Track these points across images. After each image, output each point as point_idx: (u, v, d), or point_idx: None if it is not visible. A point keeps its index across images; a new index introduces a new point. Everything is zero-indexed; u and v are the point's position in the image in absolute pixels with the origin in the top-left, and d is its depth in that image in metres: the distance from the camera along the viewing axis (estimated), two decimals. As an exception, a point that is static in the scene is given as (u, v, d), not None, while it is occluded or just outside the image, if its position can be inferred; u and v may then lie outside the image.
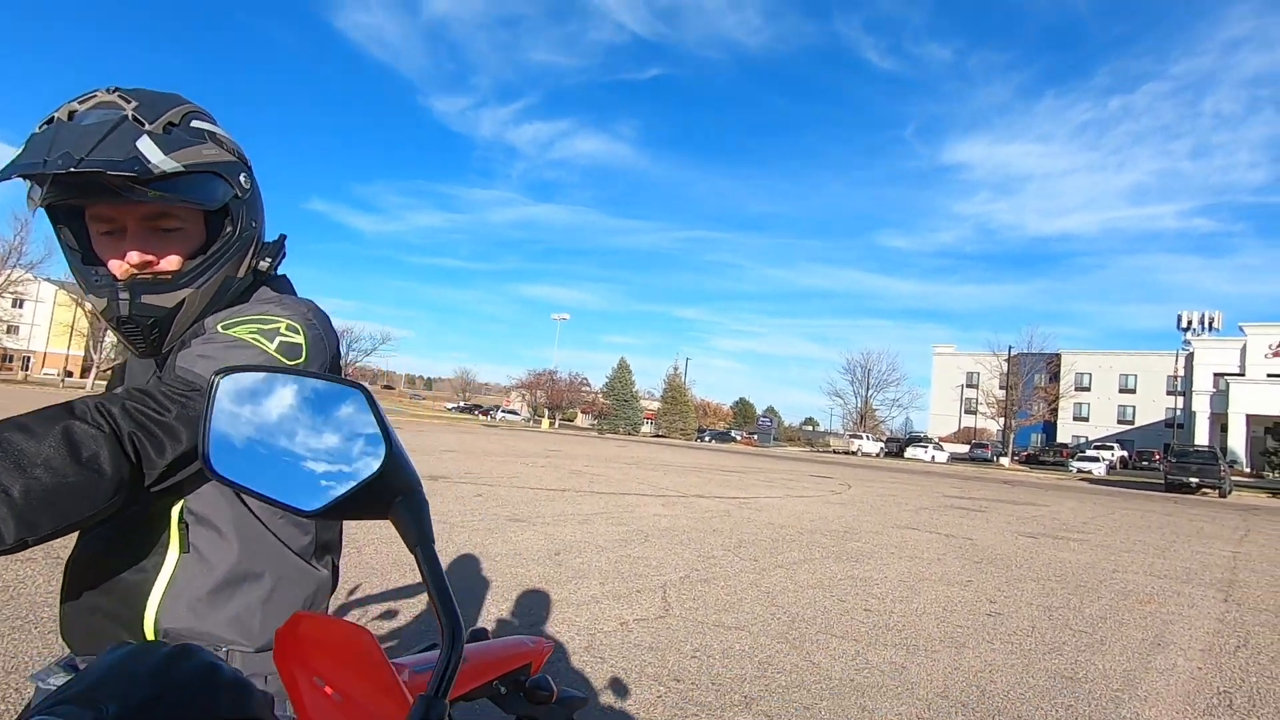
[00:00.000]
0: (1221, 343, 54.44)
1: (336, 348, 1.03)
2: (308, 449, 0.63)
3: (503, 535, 6.82)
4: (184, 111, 0.91)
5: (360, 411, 0.63)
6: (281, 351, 0.89)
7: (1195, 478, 27.65)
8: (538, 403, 70.43)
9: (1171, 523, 14.23)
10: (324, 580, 1.01)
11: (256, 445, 0.64)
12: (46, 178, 0.81)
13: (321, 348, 0.96)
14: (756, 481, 17.29)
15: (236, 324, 0.91)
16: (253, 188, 1.00)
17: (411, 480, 0.62)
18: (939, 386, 77.04)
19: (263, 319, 0.92)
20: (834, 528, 9.47)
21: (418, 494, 0.63)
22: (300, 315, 0.96)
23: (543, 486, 11.62)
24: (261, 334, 0.90)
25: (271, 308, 0.96)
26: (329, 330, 1.01)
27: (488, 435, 32.71)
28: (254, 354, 0.87)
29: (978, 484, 24.72)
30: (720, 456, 31.75)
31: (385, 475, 0.60)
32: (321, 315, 1.01)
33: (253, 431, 0.65)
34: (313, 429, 0.64)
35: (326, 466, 0.62)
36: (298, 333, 0.93)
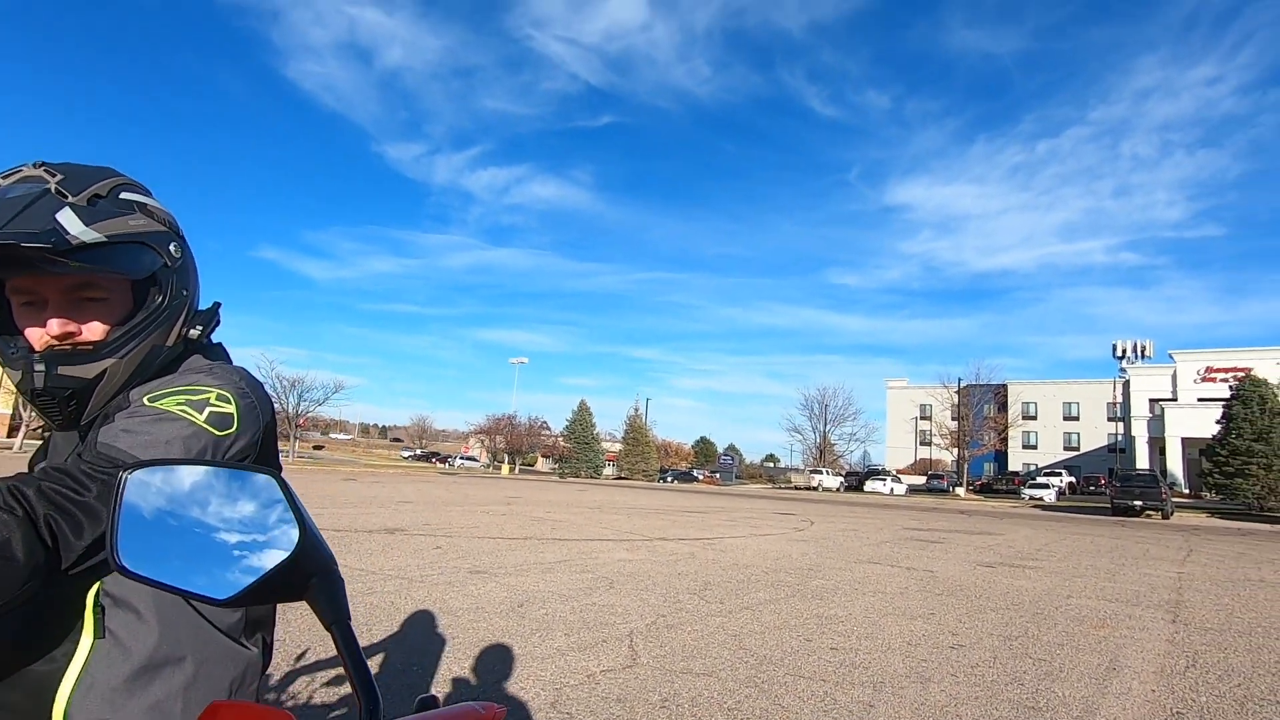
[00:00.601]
0: (1154, 370, 57.26)
1: (271, 415, 1.00)
2: (219, 538, 0.64)
3: (463, 589, 6.64)
4: (112, 184, 0.90)
5: (272, 496, 0.65)
6: (211, 423, 0.87)
7: (1139, 500, 28.70)
8: (497, 448, 69.27)
9: (1119, 546, 14.69)
10: (253, 660, 0.96)
11: (166, 538, 0.65)
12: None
13: (254, 417, 0.94)
14: (720, 521, 17.25)
15: (163, 395, 0.88)
16: (184, 256, 0.98)
17: (325, 560, 0.64)
18: (894, 419, 78.70)
19: (191, 389, 0.90)
20: (798, 566, 9.49)
21: (332, 573, 0.64)
22: (232, 384, 0.93)
23: (504, 536, 11.37)
24: (190, 405, 0.87)
25: (201, 377, 0.93)
26: (263, 398, 0.98)
27: (446, 484, 31.95)
28: (182, 426, 0.84)
29: (935, 515, 25.14)
30: (683, 497, 31.62)
31: (299, 558, 0.62)
32: (254, 383, 0.99)
33: (162, 525, 0.65)
34: (224, 518, 0.65)
35: (239, 554, 0.63)
36: (229, 402, 0.90)
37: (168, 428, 0.83)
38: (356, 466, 50.83)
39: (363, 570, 7.26)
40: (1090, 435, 66.08)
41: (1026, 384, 69.43)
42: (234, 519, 0.64)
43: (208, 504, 0.65)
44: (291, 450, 54.66)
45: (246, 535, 0.64)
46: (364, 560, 7.97)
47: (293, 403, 52.52)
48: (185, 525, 0.64)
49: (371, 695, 0.58)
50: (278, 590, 0.62)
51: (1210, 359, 52.86)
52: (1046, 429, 68.58)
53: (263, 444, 0.98)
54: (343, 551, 8.47)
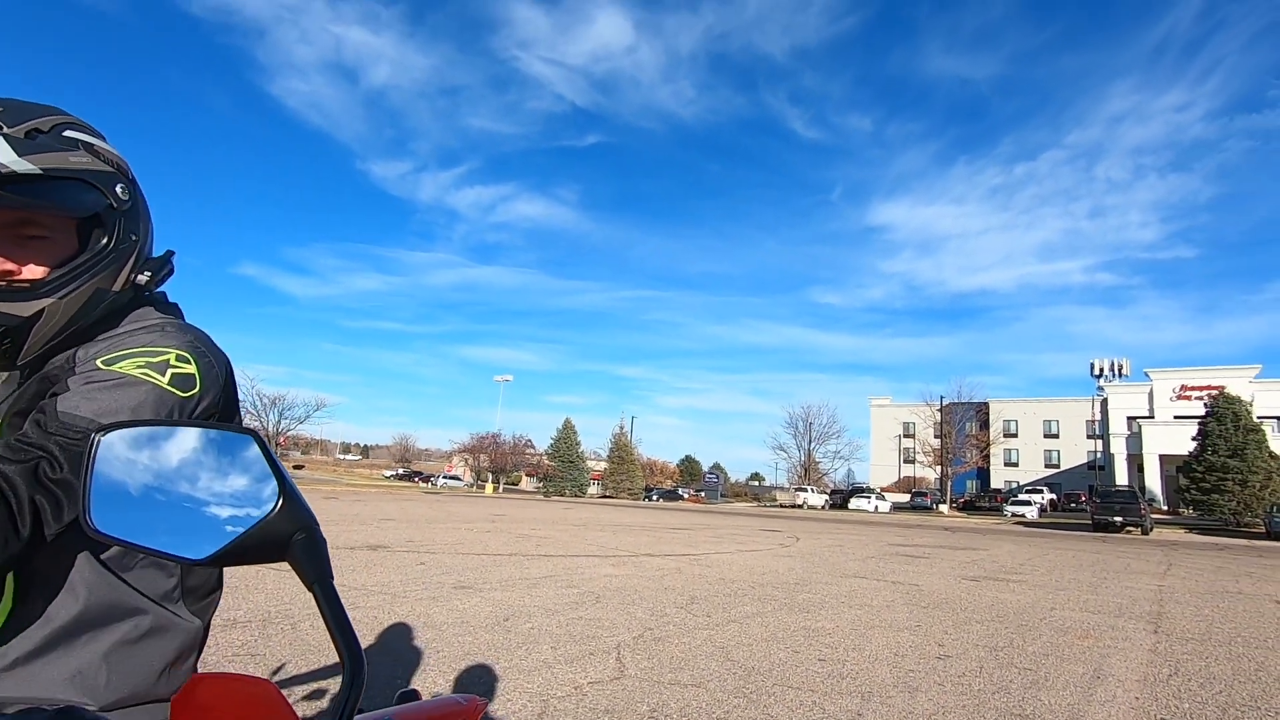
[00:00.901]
0: (1131, 388, 58.21)
1: (229, 373, 0.96)
2: (198, 497, 0.63)
3: (448, 603, 6.56)
4: (56, 121, 0.87)
5: (250, 454, 0.64)
6: (175, 384, 0.83)
7: (1119, 517, 29.03)
8: (480, 467, 68.69)
9: (1101, 561, 14.82)
10: (191, 631, 0.90)
11: (142, 499, 0.63)
12: None
13: (214, 376, 0.90)
14: (706, 538, 17.20)
15: (120, 357, 0.84)
16: (133, 199, 0.94)
17: (306, 519, 0.63)
18: (877, 437, 79.18)
19: (149, 350, 0.86)
20: (785, 580, 9.48)
21: (314, 533, 0.63)
22: (187, 343, 0.90)
23: (488, 552, 11.26)
24: (150, 367, 0.83)
25: (155, 337, 0.89)
26: (220, 357, 0.94)
27: (429, 502, 31.60)
28: (146, 390, 0.81)
29: (920, 532, 25.24)
30: (669, 515, 31.49)
31: (279, 516, 0.61)
32: (209, 341, 0.95)
33: (137, 486, 0.64)
34: (202, 477, 0.64)
35: (218, 512, 0.62)
36: (189, 362, 0.87)
37: (132, 392, 0.80)
38: (338, 485, 50.14)
39: (345, 586, 7.15)
40: (1070, 452, 66.86)
41: (1007, 402, 70.26)
42: (211, 478, 0.63)
43: (184, 464, 0.64)
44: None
45: (224, 494, 0.62)
46: (346, 576, 7.84)
47: (273, 421, 51.81)
48: (161, 486, 0.63)
49: (355, 654, 0.57)
50: (258, 549, 0.61)
51: (1185, 377, 53.89)
52: (1027, 446, 69.32)
53: (224, 404, 0.94)
54: (324, 568, 8.33)
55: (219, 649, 4.51)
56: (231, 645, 4.64)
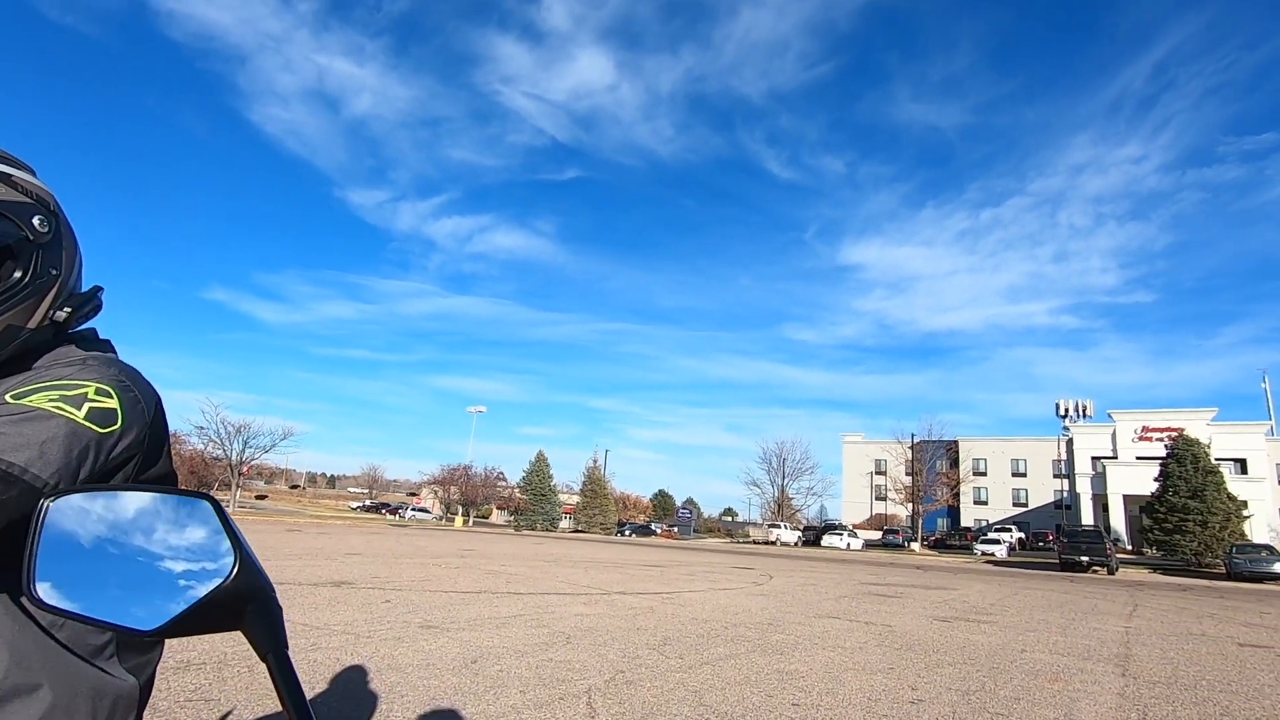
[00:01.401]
0: (1095, 428, 59.48)
1: (157, 408, 0.91)
2: (149, 565, 0.61)
3: (413, 644, 6.36)
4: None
5: (205, 519, 0.62)
6: (93, 419, 0.78)
7: (1086, 556, 29.42)
8: (451, 499, 67.43)
9: (1069, 601, 14.95)
10: (124, 691, 0.85)
11: (90, 567, 0.61)
12: None
13: (139, 412, 0.86)
14: (679, 575, 17.00)
15: (33, 391, 0.78)
16: (53, 232, 0.90)
17: (262, 586, 0.61)
18: (850, 474, 79.55)
19: (66, 384, 0.81)
20: (758, 620, 9.38)
21: (270, 600, 0.61)
22: (110, 377, 0.85)
23: (456, 589, 10.99)
24: (66, 401, 0.78)
25: (74, 371, 0.84)
26: (147, 392, 0.89)
27: (397, 535, 30.85)
28: (59, 424, 0.75)
29: (892, 570, 25.26)
30: (641, 551, 31.13)
31: (234, 584, 0.59)
32: (136, 376, 0.90)
33: (86, 554, 0.61)
34: (154, 543, 0.61)
35: (170, 581, 0.60)
36: (110, 396, 0.82)
37: (41, 426, 0.75)
38: (301, 517, 48.76)
39: (307, 625, 6.91)
40: (1038, 491, 67.82)
41: (976, 440, 71.26)
42: (164, 544, 0.61)
43: (135, 530, 0.61)
44: (234, 499, 52.22)
45: (178, 561, 0.60)
46: (308, 615, 7.58)
47: (237, 449, 50.40)
48: (112, 553, 0.61)
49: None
50: (212, 619, 0.59)
51: (1146, 419, 55.27)
52: (996, 485, 70.19)
53: (150, 441, 0.89)
54: (285, 605, 8.02)
55: (170, 693, 4.31)
56: (185, 689, 4.44)
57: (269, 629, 0.59)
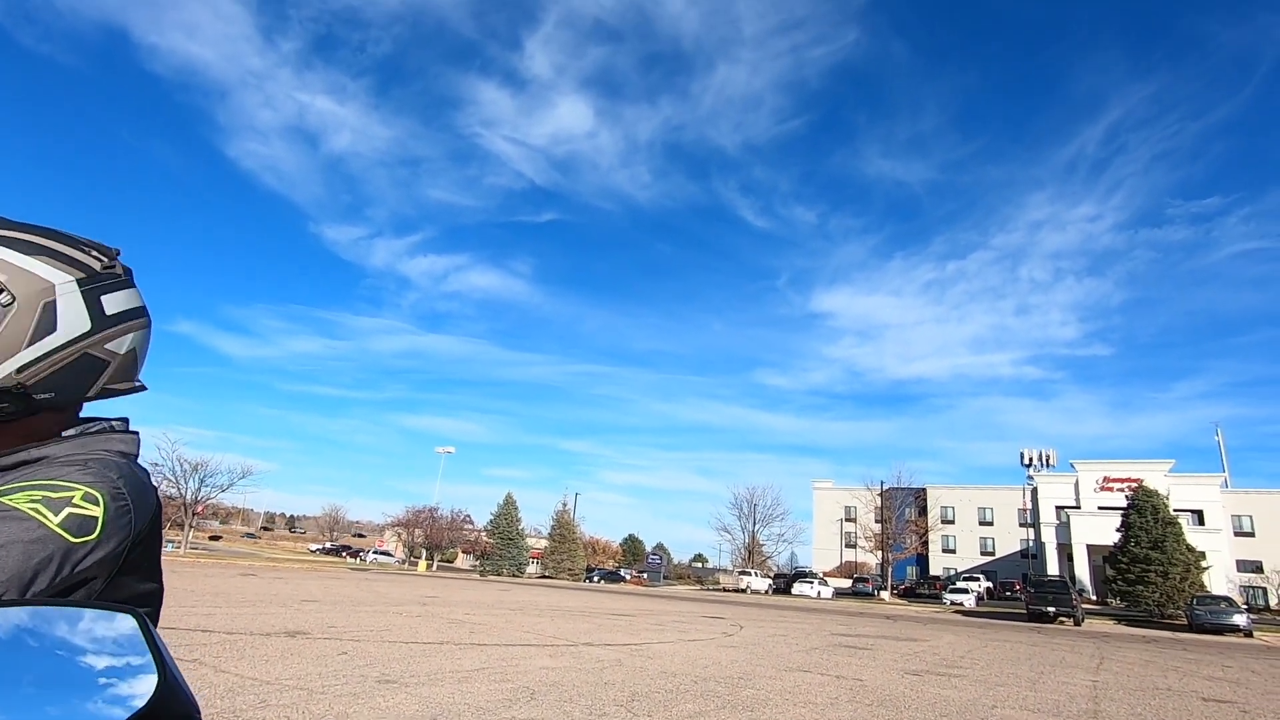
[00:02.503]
0: (1058, 478, 60.54)
1: (151, 521, 0.87)
2: (63, 686, 0.54)
3: (369, 700, 6.08)
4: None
5: (130, 638, 0.57)
6: (67, 527, 0.74)
7: (1052, 607, 29.54)
8: (415, 543, 65.57)
9: (1037, 654, 14.94)
10: None
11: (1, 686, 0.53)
12: None
13: (124, 523, 0.81)
14: (648, 625, 16.63)
15: (19, 490, 0.75)
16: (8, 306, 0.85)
17: (186, 713, 0.56)
18: (820, 520, 79.46)
19: (53, 484, 0.77)
20: (728, 674, 9.18)
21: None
22: (107, 482, 0.81)
23: (417, 640, 10.59)
24: (46, 504, 0.74)
25: (73, 472, 0.81)
26: (141, 502, 0.85)
27: (357, 581, 29.78)
28: (27, 529, 0.71)
29: (862, 620, 25.06)
30: (610, 598, 30.47)
31: (155, 711, 0.53)
32: (137, 483, 0.86)
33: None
34: (60, 673, 0.55)
35: (81, 706, 0.53)
36: (96, 503, 0.78)
37: (7, 529, 0.70)
38: (257, 560, 46.92)
39: (256, 680, 6.57)
40: (1004, 540, 68.37)
41: (944, 488, 71.92)
42: (77, 672, 0.55)
43: (51, 649, 0.55)
44: (185, 540, 50.08)
45: (92, 684, 0.54)
46: (258, 668, 7.21)
47: (193, 488, 48.61)
48: (21, 677, 0.54)
49: None
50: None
51: (1107, 469, 56.47)
52: (964, 533, 70.62)
53: (138, 552, 0.85)
54: (234, 657, 7.67)
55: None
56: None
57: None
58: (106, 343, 0.92)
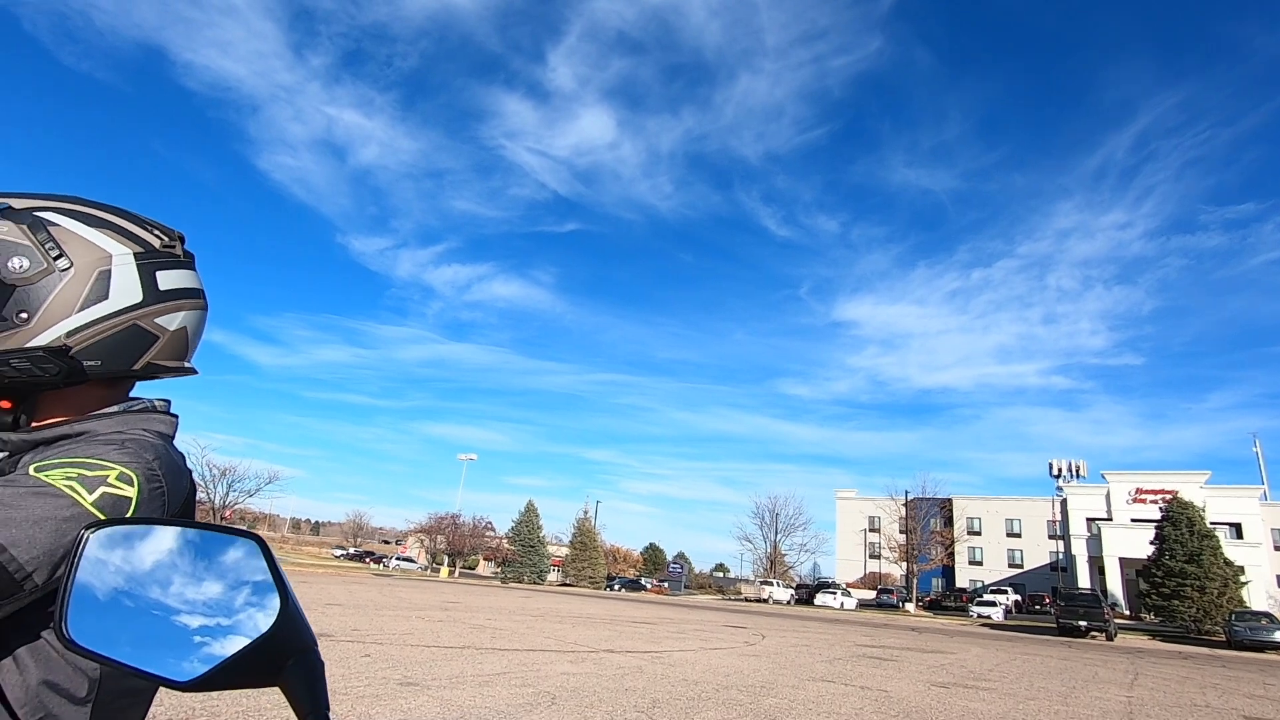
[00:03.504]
0: (1089, 489, 59.15)
1: (185, 504, 0.88)
2: (187, 611, 0.57)
3: (392, 702, 6.10)
4: (37, 204, 0.88)
5: (251, 565, 0.59)
6: (100, 505, 0.74)
7: (1084, 621, 28.82)
8: (437, 549, 65.99)
9: (1068, 668, 14.56)
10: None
11: (127, 609, 0.57)
12: None
13: (157, 505, 0.81)
14: (669, 633, 16.53)
15: (55, 466, 0.76)
16: (36, 277, 0.86)
17: (306, 640, 0.57)
18: (843, 531, 78.48)
19: (90, 463, 0.77)
20: (750, 683, 9.07)
21: (313, 655, 0.57)
22: (142, 463, 0.81)
23: (440, 644, 10.63)
24: (82, 482, 0.75)
25: (109, 451, 0.81)
26: (175, 485, 0.86)
27: (380, 585, 30.03)
28: (61, 505, 0.71)
29: (887, 631, 24.65)
30: (631, 606, 30.36)
31: (276, 635, 0.55)
32: (172, 465, 0.87)
33: (123, 593, 0.58)
34: (194, 588, 0.58)
35: (209, 628, 0.56)
36: (130, 484, 0.78)
37: (41, 504, 0.71)
38: (282, 564, 47.50)
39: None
40: (1033, 552, 66.95)
41: (970, 499, 70.69)
42: (206, 587, 0.57)
43: (177, 570, 0.58)
44: (213, 544, 50.86)
45: (219, 608, 0.56)
46: (283, 668, 7.30)
47: (221, 493, 49.47)
48: (149, 594, 0.57)
49: None
50: (250, 672, 0.54)
51: (1140, 480, 55.03)
52: (991, 545, 69.29)
53: None
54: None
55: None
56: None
57: (309, 688, 0.55)
58: (156, 316, 0.94)
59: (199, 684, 0.54)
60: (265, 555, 0.58)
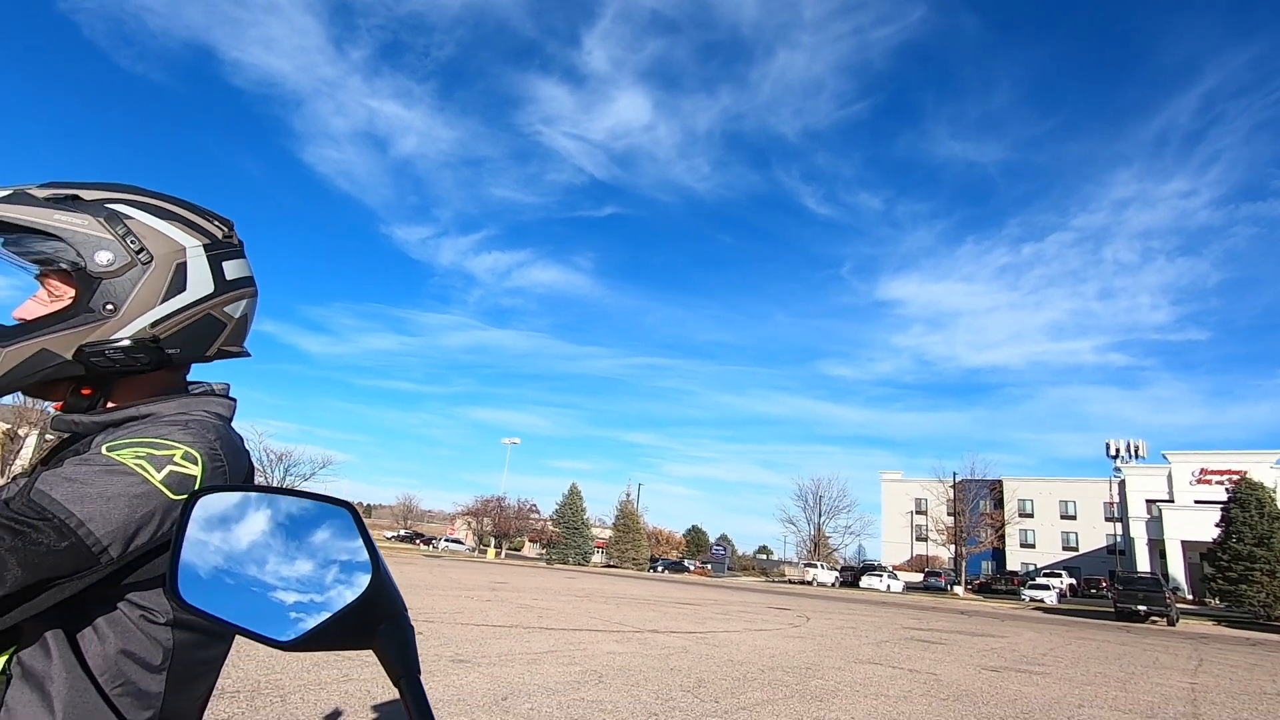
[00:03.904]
0: (1149, 470, 56.96)
1: (243, 481, 0.93)
2: (285, 575, 0.61)
3: (444, 678, 6.29)
4: (109, 196, 0.91)
5: (344, 532, 0.61)
6: (169, 483, 0.79)
7: (1143, 605, 27.88)
8: (484, 531, 67.50)
9: (1127, 653, 14.14)
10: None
11: (229, 572, 0.62)
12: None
13: (219, 481, 0.86)
14: (713, 614, 16.61)
15: (126, 445, 0.81)
16: (122, 271, 0.90)
17: (397, 605, 0.60)
18: (889, 513, 77.38)
19: (157, 443, 0.83)
20: (796, 664, 9.06)
21: (403, 620, 0.60)
22: (205, 443, 0.86)
23: (488, 623, 10.89)
24: (150, 461, 0.80)
25: (175, 431, 0.86)
26: (236, 464, 0.91)
27: (430, 566, 30.90)
28: (133, 483, 0.77)
29: (935, 614, 24.30)
30: (674, 588, 30.59)
31: (370, 601, 0.58)
32: (232, 445, 0.92)
33: (226, 557, 0.62)
34: (292, 553, 0.61)
35: (307, 593, 0.60)
36: (195, 462, 0.83)
37: (115, 482, 0.76)
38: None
39: (338, 655, 6.89)
40: (1089, 535, 64.98)
41: (1022, 480, 68.85)
42: (304, 554, 0.61)
43: (276, 537, 0.62)
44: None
45: (316, 572, 0.60)
46: (341, 645, 7.58)
47: (278, 477, 51.43)
48: (252, 557, 0.62)
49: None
50: (345, 635, 0.58)
51: (1205, 460, 52.74)
52: (1044, 527, 67.48)
53: None
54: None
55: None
56: (217, 717, 4.44)
57: (401, 651, 0.58)
58: (225, 305, 0.99)
59: (298, 644, 0.57)
60: (357, 524, 0.61)
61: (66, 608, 0.75)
